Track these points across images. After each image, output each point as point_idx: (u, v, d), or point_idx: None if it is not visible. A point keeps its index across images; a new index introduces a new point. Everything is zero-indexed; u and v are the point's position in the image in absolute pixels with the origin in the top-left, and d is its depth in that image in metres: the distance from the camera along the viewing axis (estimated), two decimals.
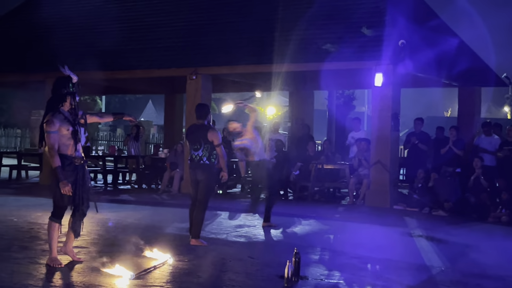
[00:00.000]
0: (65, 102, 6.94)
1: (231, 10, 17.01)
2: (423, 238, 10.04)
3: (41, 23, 18.84)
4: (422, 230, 10.84)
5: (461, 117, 17.47)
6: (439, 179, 13.57)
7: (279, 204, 14.37)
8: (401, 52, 13.69)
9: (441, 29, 17.25)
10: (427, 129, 15.86)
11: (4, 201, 13.57)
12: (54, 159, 6.80)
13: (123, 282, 6.40)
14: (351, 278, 6.99)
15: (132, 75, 17.40)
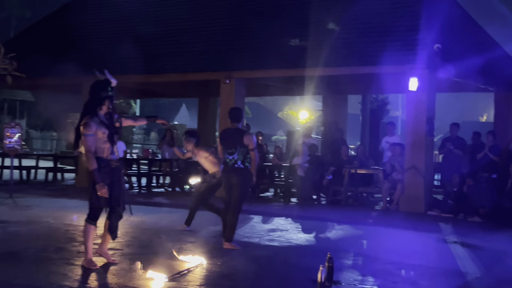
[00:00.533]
0: (103, 106, 7.00)
1: (266, 15, 17.01)
2: (458, 244, 9.91)
3: (78, 27, 19.08)
4: (457, 236, 10.72)
5: (497, 122, 17.26)
6: (474, 184, 13.40)
7: (312, 209, 14.40)
8: (436, 57, 13.59)
9: (477, 32, 17.08)
10: (461, 134, 15.69)
11: (40, 202, 13.77)
12: (90, 162, 6.85)
13: (158, 285, 6.42)
14: (385, 284, 6.95)
15: (167, 79, 17.51)
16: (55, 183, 19.51)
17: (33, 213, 11.83)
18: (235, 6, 17.92)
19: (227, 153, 8.91)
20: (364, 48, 14.45)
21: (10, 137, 15.28)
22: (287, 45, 15.52)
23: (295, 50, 15.20)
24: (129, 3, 20.29)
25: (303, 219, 12.44)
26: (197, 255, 7.75)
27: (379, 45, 14.15)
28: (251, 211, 12.43)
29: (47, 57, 17.07)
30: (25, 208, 12.74)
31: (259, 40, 16.30)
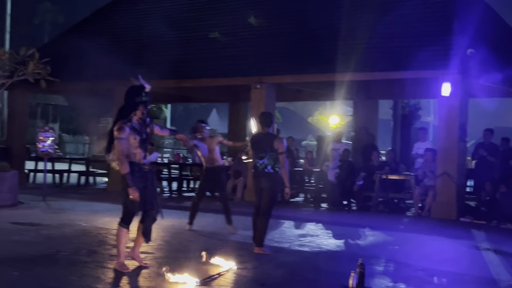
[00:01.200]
0: (137, 111, 7.05)
1: (296, 20, 17.02)
2: (490, 251, 9.80)
3: (110, 32, 19.30)
4: (490, 243, 10.59)
5: None
6: (507, 191, 13.24)
7: (343, 215, 14.34)
8: (469, 61, 13.46)
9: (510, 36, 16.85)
10: (494, 139, 15.51)
11: (72, 206, 13.91)
12: (123, 166, 6.91)
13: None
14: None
15: (197, 84, 17.58)
16: (87, 186, 19.73)
17: (65, 216, 11.96)
18: (266, 11, 17.93)
19: (258, 158, 8.92)
20: (396, 53, 14.36)
21: (44, 141, 15.47)
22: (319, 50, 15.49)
23: (326, 55, 15.16)
24: (161, 8, 20.47)
25: (334, 225, 12.40)
26: (228, 259, 7.76)
27: (411, 50, 14.05)
28: (282, 216, 12.42)
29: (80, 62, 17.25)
30: (58, 211, 12.88)
31: (290, 45, 16.30)
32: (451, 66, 13.32)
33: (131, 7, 21.45)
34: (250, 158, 10.79)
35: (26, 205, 13.62)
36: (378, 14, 15.33)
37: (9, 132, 21.22)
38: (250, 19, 13.99)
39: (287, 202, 15.90)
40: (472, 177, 15.91)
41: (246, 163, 15.63)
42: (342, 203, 15.55)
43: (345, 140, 22.03)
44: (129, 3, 21.95)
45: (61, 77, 15.78)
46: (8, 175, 13.60)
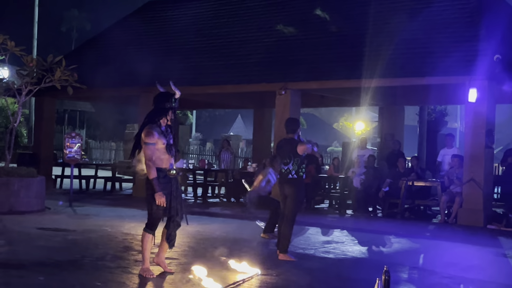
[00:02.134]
0: (166, 116, 7.08)
1: (321, 26, 17.00)
2: None
3: (136, 40, 19.43)
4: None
5: None
6: None
7: (368, 221, 14.25)
8: (496, 67, 13.33)
9: None
10: None
11: (98, 211, 14.00)
12: (150, 171, 6.91)
13: None
14: None
15: (222, 90, 17.61)
16: (113, 192, 19.83)
17: (91, 222, 12.03)
18: (291, 17, 17.94)
19: (282, 163, 8.91)
20: (422, 59, 14.28)
21: (71, 147, 15.61)
22: (344, 56, 15.46)
23: (351, 61, 15.12)
24: (186, 15, 20.58)
25: (359, 232, 12.33)
26: (252, 266, 7.75)
27: (437, 56, 13.97)
28: (306, 222, 12.39)
29: (107, 69, 17.39)
30: (84, 217, 12.98)
31: (315, 51, 16.28)
32: (477, 72, 13.20)
33: (157, 15, 21.64)
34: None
35: (52, 210, 13.73)
36: (403, 19, 15.27)
37: (37, 138, 21.43)
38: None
39: (312, 209, 15.92)
40: (499, 183, 15.75)
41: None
42: (368, 210, 15.48)
43: (371, 147, 21.96)
44: (154, 11, 22.14)
45: (88, 83, 15.91)
46: (35, 180, 13.72)
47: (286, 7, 18.76)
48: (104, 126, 42.53)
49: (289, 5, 18.74)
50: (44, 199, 13.98)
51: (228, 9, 20.00)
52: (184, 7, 21.35)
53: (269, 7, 19.08)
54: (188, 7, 21.18)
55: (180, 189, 7.44)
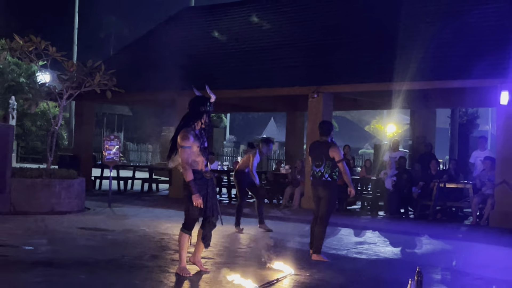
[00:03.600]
0: (201, 119, 7.10)
1: (353, 30, 16.97)
2: None
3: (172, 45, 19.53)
4: None
5: None
6: None
7: (400, 223, 14.15)
8: None
9: None
10: None
11: (136, 212, 14.12)
12: (187, 173, 6.94)
13: None
14: None
15: (255, 94, 17.65)
16: (150, 193, 20.00)
17: (129, 222, 12.13)
18: (323, 22, 17.94)
19: (315, 166, 8.89)
20: (454, 62, 14.16)
21: (109, 149, 15.75)
22: (376, 59, 15.38)
23: (383, 64, 15.04)
24: (221, 22, 20.68)
25: (391, 233, 12.25)
26: (286, 265, 7.75)
27: (469, 59, 13.85)
28: (339, 223, 12.35)
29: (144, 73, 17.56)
30: (122, 217, 13.09)
31: (346, 55, 16.24)
32: (509, 75, 13.07)
33: (192, 21, 21.78)
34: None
35: (92, 211, 13.89)
36: (435, 23, 15.18)
37: (77, 140, 21.70)
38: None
39: (345, 210, 15.86)
40: None
41: (303, 171, 15.64)
42: (400, 211, 15.38)
43: (402, 149, 21.78)
44: (190, 17, 22.29)
45: (126, 88, 16.05)
46: (75, 182, 13.88)
47: (318, 12, 18.73)
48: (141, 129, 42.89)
49: (321, 11, 18.71)
50: (84, 200, 14.15)
51: (261, 15, 20.02)
52: (219, 13, 21.48)
53: (301, 13, 19.08)
54: (223, 13, 21.31)
55: (215, 191, 7.47)
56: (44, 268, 7.22)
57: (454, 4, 15.74)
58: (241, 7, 21.28)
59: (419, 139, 18.68)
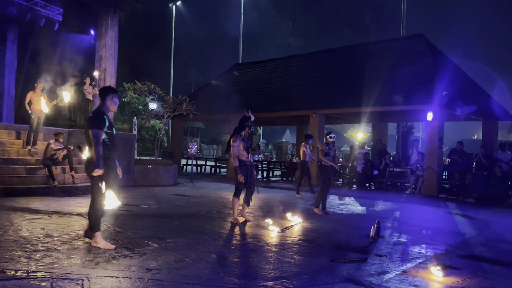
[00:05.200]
0: (245, 130, 7.15)
1: (336, 74, 16.86)
2: (459, 215, 9.33)
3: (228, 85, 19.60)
4: (458, 211, 10.08)
5: (484, 139, 16.16)
6: (471, 178, 12.59)
7: (366, 192, 14.00)
8: (444, 99, 12.98)
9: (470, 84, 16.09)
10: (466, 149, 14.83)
11: (207, 185, 14.21)
12: (235, 161, 7.01)
13: (274, 234, 6.45)
14: (412, 239, 6.64)
15: (277, 114, 17.61)
16: (215, 174, 20.10)
17: (203, 191, 12.23)
18: (318, 71, 17.87)
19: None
20: (399, 94, 13.99)
21: (191, 148, 15.90)
22: (350, 93, 15.25)
23: (355, 95, 14.90)
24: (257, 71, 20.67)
25: (360, 198, 12.13)
26: (296, 217, 7.73)
27: (408, 93, 13.71)
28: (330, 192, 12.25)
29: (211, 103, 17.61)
30: (199, 188, 13.20)
31: (333, 91, 16.15)
32: (433, 102, 12.91)
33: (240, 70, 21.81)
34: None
35: (181, 185, 14.03)
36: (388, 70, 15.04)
37: (172, 143, 21.93)
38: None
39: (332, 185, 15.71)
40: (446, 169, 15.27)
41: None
42: (365, 185, 15.22)
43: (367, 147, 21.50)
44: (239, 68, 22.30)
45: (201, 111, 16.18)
46: (172, 167, 14.07)
47: (313, 62, 18.64)
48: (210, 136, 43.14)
49: (316, 62, 18.62)
50: (176, 178, 14.32)
51: (282, 66, 20.00)
52: (256, 66, 21.49)
53: (305, 63, 19.01)
54: (259, 66, 21.31)
55: (254, 172, 7.49)
56: (154, 218, 7.33)
57: (401, 59, 15.57)
58: (269, 62, 21.25)
59: (377, 141, 18.45)
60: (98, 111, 5.05)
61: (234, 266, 4.61)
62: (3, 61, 16.05)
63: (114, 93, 5.17)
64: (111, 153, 5.04)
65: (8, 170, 9.88)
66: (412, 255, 5.54)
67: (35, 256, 4.59)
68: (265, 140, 44.80)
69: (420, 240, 6.56)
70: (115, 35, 15.16)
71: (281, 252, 5.32)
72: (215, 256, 4.96)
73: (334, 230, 7.04)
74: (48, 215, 7.16)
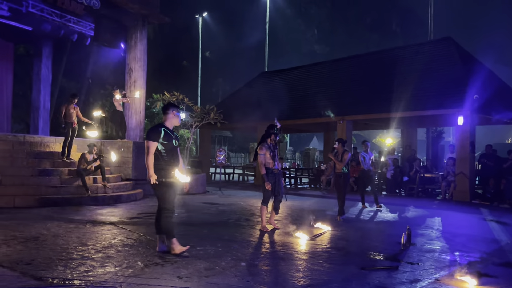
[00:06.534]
0: (270, 138, 7.17)
1: (363, 80, 16.70)
2: (493, 222, 9.03)
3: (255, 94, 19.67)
4: (493, 217, 9.76)
5: None
6: (506, 183, 12.18)
7: (396, 198, 13.75)
8: (475, 103, 12.67)
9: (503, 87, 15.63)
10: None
11: (235, 193, 14.25)
12: (262, 169, 7.02)
13: (303, 241, 6.41)
14: (445, 246, 6.46)
15: (305, 122, 17.56)
16: (243, 182, 20.14)
17: (232, 199, 12.26)
18: (343, 76, 17.76)
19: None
20: (429, 99, 13.75)
21: (219, 156, 16.02)
22: (379, 98, 15.07)
23: (383, 101, 14.72)
24: (284, 78, 20.69)
25: (390, 205, 11.92)
26: (325, 225, 7.66)
27: (438, 97, 13.45)
28: (357, 199, 12.10)
29: (239, 112, 17.72)
30: (228, 196, 13.23)
31: (360, 96, 15.99)
32: (464, 106, 12.63)
33: (267, 79, 21.89)
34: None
35: (210, 193, 14.10)
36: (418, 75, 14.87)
37: (201, 151, 22.14)
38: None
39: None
40: (478, 174, 14.84)
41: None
42: (395, 191, 14.95)
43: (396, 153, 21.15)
44: (265, 77, 22.40)
45: (228, 120, 16.31)
46: (200, 176, 14.19)
47: (340, 69, 18.54)
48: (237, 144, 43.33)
49: (342, 69, 18.51)
50: (205, 186, 14.41)
51: (307, 74, 19.98)
52: (283, 74, 21.54)
53: (331, 70, 18.93)
54: (285, 74, 21.34)
55: (281, 179, 7.48)
56: (184, 226, 7.38)
57: (430, 64, 15.32)
58: (295, 70, 21.27)
59: (406, 147, 18.12)
60: (157, 124, 5.31)
61: (263, 274, 4.61)
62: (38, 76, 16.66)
63: (175, 108, 5.34)
64: (168, 164, 5.15)
65: (44, 180, 10.21)
66: (445, 262, 5.40)
67: (71, 264, 4.71)
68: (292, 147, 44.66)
69: (453, 247, 6.38)
70: (144, 47, 15.52)
71: (310, 260, 5.28)
72: (245, 264, 4.96)
73: (364, 238, 6.93)
74: (83, 224, 7.34)
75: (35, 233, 6.34)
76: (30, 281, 4.03)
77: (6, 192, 9.42)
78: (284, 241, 6.40)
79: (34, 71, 16.82)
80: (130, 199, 11.01)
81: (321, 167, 18.33)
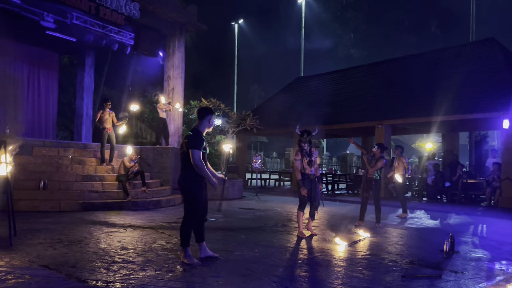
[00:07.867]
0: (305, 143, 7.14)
1: (401, 84, 16.35)
2: None
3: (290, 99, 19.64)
4: None
5: None
6: None
7: (437, 205, 13.32)
8: None
9: None
10: None
11: (272, 198, 14.24)
12: (298, 175, 6.99)
13: (341, 248, 6.32)
14: (490, 254, 6.19)
15: (341, 127, 17.35)
16: (280, 187, 20.08)
17: (268, 204, 12.27)
18: (380, 80, 17.46)
19: None
20: (470, 102, 13.28)
21: (255, 162, 16.06)
22: (418, 102, 14.70)
23: (423, 105, 14.35)
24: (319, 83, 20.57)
25: (431, 211, 11.56)
26: (363, 231, 7.52)
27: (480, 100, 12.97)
28: (397, 205, 11.81)
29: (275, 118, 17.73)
30: (264, 201, 13.25)
31: (399, 100, 15.66)
32: (509, 109, 12.11)
33: (302, 84, 21.82)
34: None
35: (246, 198, 14.16)
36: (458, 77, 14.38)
37: (237, 157, 22.28)
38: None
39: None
40: None
41: None
42: (436, 198, 14.50)
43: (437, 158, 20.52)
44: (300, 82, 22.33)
45: (264, 126, 16.35)
46: (237, 181, 14.27)
47: (377, 72, 18.24)
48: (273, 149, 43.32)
49: (380, 72, 18.21)
50: (242, 192, 14.49)
51: (344, 78, 19.77)
52: (319, 78, 21.41)
53: (368, 74, 18.66)
54: (321, 78, 21.21)
55: (317, 185, 7.40)
56: (221, 231, 7.44)
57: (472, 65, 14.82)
58: (331, 74, 21.08)
59: (448, 152, 17.57)
60: (197, 131, 5.11)
61: (301, 280, 4.57)
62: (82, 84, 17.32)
63: (212, 114, 5.31)
64: (197, 174, 5.12)
65: (87, 186, 10.56)
66: (491, 272, 5.17)
67: (113, 267, 4.84)
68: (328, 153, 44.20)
69: (499, 256, 6.11)
70: (181, 55, 15.84)
71: (349, 266, 5.19)
72: (282, 269, 4.94)
73: (404, 245, 6.75)
74: (124, 228, 7.53)
75: (79, 237, 6.56)
76: (75, 283, 4.17)
77: (52, 197, 9.80)
78: (322, 247, 6.32)
79: (78, 80, 17.51)
80: (169, 204, 11.21)
81: (359, 172, 18.02)
